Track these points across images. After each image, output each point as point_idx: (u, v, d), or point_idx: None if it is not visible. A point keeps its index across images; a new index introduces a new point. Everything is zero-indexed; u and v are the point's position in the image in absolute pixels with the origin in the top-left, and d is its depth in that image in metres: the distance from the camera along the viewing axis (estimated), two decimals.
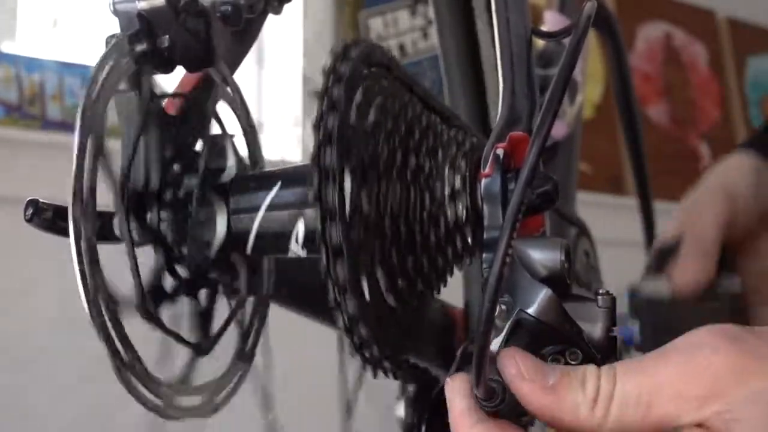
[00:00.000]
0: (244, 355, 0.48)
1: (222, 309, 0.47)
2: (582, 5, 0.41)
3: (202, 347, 0.45)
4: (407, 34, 2.04)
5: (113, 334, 0.38)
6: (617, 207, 2.25)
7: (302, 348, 0.58)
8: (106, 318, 0.38)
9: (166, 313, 0.43)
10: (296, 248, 0.42)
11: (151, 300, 0.42)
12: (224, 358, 0.47)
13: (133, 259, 0.40)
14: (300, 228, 0.42)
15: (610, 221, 1.74)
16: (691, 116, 2.79)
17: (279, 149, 1.95)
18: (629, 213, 1.07)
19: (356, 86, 0.39)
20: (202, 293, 0.46)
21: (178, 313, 0.44)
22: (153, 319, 0.42)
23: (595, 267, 0.97)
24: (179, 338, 0.43)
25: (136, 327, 0.40)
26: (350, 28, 2.01)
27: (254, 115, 0.52)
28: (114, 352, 0.38)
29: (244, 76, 0.52)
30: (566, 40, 0.42)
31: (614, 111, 1.19)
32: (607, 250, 1.07)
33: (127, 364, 0.39)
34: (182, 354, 0.44)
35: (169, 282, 0.44)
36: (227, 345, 0.47)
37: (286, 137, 1.96)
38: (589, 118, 2.30)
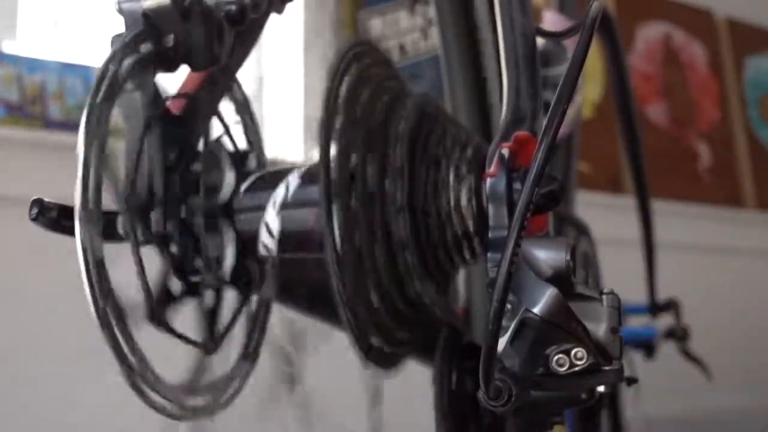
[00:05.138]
0: (249, 355, 0.48)
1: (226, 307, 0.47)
2: (581, 5, 0.41)
3: (208, 347, 0.45)
4: (407, 34, 2.04)
5: (122, 342, 0.38)
6: (617, 207, 2.25)
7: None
8: (115, 328, 0.38)
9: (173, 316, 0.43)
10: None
11: (159, 305, 0.41)
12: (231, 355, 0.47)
13: (140, 263, 0.40)
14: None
15: (610, 221, 1.73)
16: (690, 116, 2.79)
17: (280, 148, 1.95)
18: (629, 213, 1.07)
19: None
20: (208, 293, 0.46)
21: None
22: (162, 324, 0.42)
23: (595, 267, 0.97)
24: (187, 340, 0.43)
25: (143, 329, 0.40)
26: (350, 28, 2.01)
27: (256, 113, 0.51)
28: (122, 359, 0.38)
29: (245, 75, 0.52)
30: (567, 41, 0.42)
31: (614, 111, 1.19)
32: (607, 250, 1.07)
33: (136, 370, 0.39)
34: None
35: (174, 284, 0.44)
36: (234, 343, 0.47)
37: (286, 135, 1.96)
38: (589, 118, 2.30)
